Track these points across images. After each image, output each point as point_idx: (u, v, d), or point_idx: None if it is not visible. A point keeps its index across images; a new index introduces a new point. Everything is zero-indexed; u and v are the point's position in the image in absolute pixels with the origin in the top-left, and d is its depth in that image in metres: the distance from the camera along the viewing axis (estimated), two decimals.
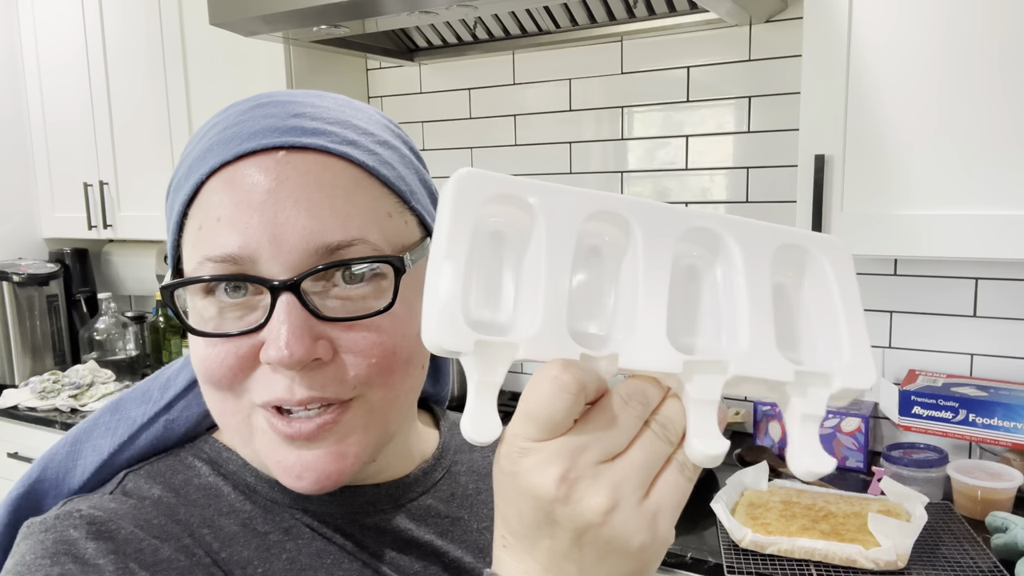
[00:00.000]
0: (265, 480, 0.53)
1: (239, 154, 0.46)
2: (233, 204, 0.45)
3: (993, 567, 1.13)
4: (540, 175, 1.95)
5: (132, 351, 2.33)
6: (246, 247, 0.44)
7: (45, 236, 2.57)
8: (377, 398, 0.48)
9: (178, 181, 0.49)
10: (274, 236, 0.44)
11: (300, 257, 0.45)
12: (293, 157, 0.46)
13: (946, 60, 1.23)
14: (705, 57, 1.71)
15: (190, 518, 0.50)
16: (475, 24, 1.81)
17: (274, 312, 0.44)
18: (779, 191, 1.67)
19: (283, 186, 0.45)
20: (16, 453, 2.13)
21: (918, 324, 1.57)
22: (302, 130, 0.47)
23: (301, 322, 0.44)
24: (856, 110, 1.30)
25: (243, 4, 1.52)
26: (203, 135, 0.50)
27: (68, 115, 2.41)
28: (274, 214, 0.45)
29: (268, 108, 0.49)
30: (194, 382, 0.55)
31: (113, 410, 0.56)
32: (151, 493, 0.51)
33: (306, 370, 0.45)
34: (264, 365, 0.46)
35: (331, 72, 2.04)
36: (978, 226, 1.23)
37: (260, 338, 0.45)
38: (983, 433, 1.35)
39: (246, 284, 0.45)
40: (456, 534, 0.58)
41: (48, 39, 2.41)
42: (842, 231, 1.33)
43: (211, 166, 0.47)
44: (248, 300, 0.46)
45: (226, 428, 0.50)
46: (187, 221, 0.48)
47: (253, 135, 0.47)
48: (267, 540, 0.50)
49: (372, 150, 0.49)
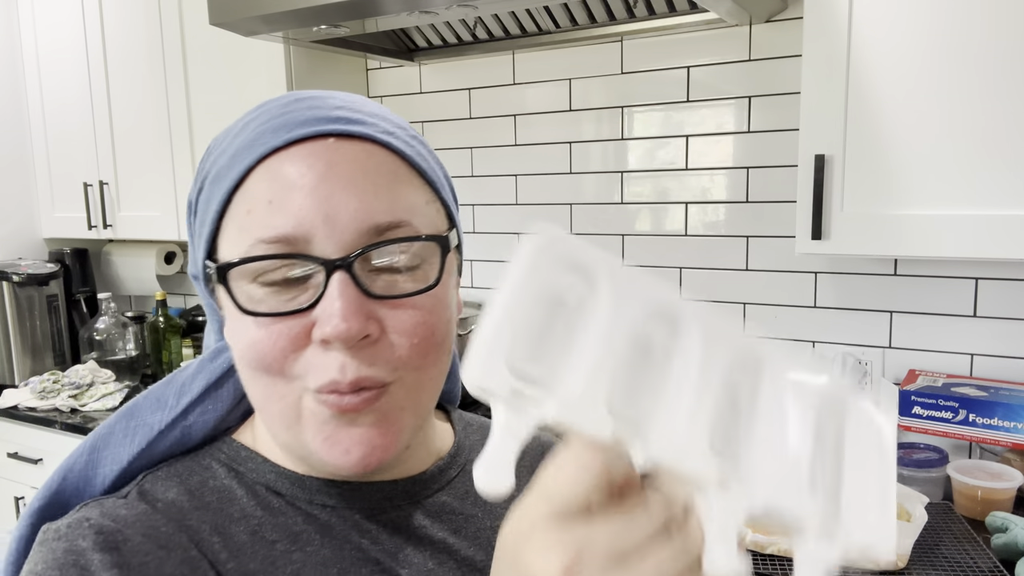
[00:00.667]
0: (286, 476, 0.54)
1: (289, 140, 0.48)
2: (285, 187, 0.47)
3: (993, 567, 1.13)
4: (540, 175, 1.95)
5: (132, 351, 2.33)
6: (300, 227, 0.46)
7: (45, 236, 2.57)
8: (413, 380, 0.50)
9: (217, 172, 0.50)
10: (327, 216, 0.46)
11: (352, 237, 0.47)
12: (341, 144, 0.49)
13: (946, 60, 1.23)
14: (705, 57, 1.71)
15: (201, 524, 0.51)
16: (475, 24, 1.81)
17: (328, 289, 0.46)
18: (779, 191, 1.67)
19: (334, 170, 0.47)
20: (16, 453, 2.13)
21: (918, 324, 1.57)
22: (347, 120, 0.50)
23: (355, 298, 0.46)
24: (856, 110, 1.30)
25: (243, 4, 1.52)
26: (240, 129, 0.51)
27: (68, 115, 2.41)
28: (327, 196, 0.47)
29: (310, 101, 0.51)
30: (210, 387, 0.56)
31: (128, 416, 0.56)
32: (166, 496, 0.52)
33: (356, 348, 0.47)
34: (314, 347, 0.47)
35: (331, 72, 2.04)
36: (978, 226, 1.23)
37: (311, 318, 0.47)
38: (983, 433, 1.35)
39: (295, 266, 0.47)
40: (469, 531, 0.58)
41: (48, 39, 2.41)
42: (842, 231, 1.33)
43: (260, 153, 0.48)
44: (297, 282, 0.47)
45: (269, 415, 0.50)
46: (229, 208, 0.49)
47: (302, 123, 0.49)
48: (274, 550, 0.51)
49: (407, 142, 0.52)
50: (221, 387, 0.57)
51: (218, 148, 0.52)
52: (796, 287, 1.68)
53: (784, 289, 1.70)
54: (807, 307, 1.68)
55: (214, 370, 0.57)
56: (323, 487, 0.55)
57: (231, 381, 0.57)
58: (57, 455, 2.05)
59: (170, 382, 0.58)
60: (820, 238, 1.34)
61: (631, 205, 1.85)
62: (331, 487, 0.55)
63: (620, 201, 1.86)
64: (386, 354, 0.48)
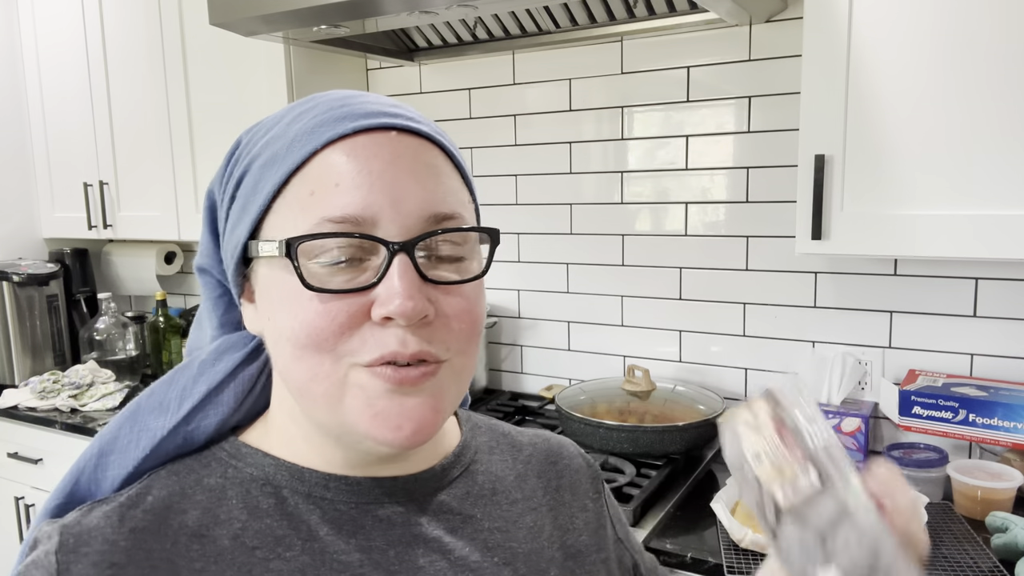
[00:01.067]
0: (286, 468, 0.56)
1: (357, 129, 0.51)
2: (354, 171, 0.50)
3: (993, 567, 1.13)
4: (540, 175, 1.95)
5: (132, 351, 2.33)
6: (368, 209, 0.49)
7: (45, 236, 2.57)
8: (459, 364, 0.53)
9: (272, 155, 0.52)
10: (394, 201, 0.49)
11: (415, 222, 0.50)
12: (404, 137, 0.52)
13: (946, 59, 1.23)
14: (705, 57, 1.71)
15: (182, 527, 0.52)
16: (475, 24, 1.81)
17: (390, 270, 0.49)
18: (779, 191, 1.67)
19: (399, 160, 0.51)
20: (16, 453, 2.13)
21: (918, 324, 1.57)
22: (406, 116, 0.53)
23: (415, 279, 0.49)
24: (856, 110, 1.30)
25: (243, 4, 1.52)
26: (294, 119, 0.53)
27: (68, 115, 2.41)
28: (393, 182, 0.50)
29: (364, 97, 0.54)
30: (211, 392, 0.57)
31: (132, 419, 0.57)
32: (159, 494, 0.54)
33: (415, 326, 0.49)
34: (369, 324, 0.49)
35: (331, 72, 2.04)
36: (978, 226, 1.23)
37: (370, 297, 0.49)
38: (983, 433, 1.35)
39: (356, 247, 0.49)
40: (466, 532, 0.58)
41: (48, 39, 2.41)
42: (842, 231, 1.33)
43: (327, 137, 0.51)
44: (355, 263, 0.50)
45: (313, 395, 0.51)
46: (285, 190, 0.51)
47: (366, 115, 0.52)
48: (252, 557, 0.52)
49: (452, 145, 0.56)
50: (222, 392, 0.58)
51: (264, 136, 0.54)
52: (796, 287, 1.68)
53: (784, 289, 1.70)
54: (807, 307, 1.68)
55: (215, 375, 0.58)
56: (322, 480, 0.55)
57: (232, 385, 0.58)
58: (57, 455, 2.05)
59: (172, 383, 0.59)
60: (820, 238, 1.34)
61: (631, 205, 1.85)
62: (330, 480, 0.55)
63: (620, 201, 1.86)
64: (441, 334, 0.51)
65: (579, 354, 1.98)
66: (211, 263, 0.59)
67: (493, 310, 2.08)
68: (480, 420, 0.70)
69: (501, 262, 2.06)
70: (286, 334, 0.51)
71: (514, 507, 0.63)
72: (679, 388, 1.74)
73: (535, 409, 1.91)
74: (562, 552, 0.63)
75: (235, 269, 0.55)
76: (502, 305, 2.08)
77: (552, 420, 1.81)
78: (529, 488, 0.65)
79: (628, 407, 1.66)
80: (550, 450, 0.70)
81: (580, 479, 0.70)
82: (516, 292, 2.05)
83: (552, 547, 0.62)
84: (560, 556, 0.62)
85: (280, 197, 0.52)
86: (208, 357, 0.59)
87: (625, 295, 1.89)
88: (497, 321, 2.08)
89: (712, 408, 1.61)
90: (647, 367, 1.82)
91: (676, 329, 1.84)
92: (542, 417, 1.86)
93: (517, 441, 0.69)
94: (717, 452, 1.63)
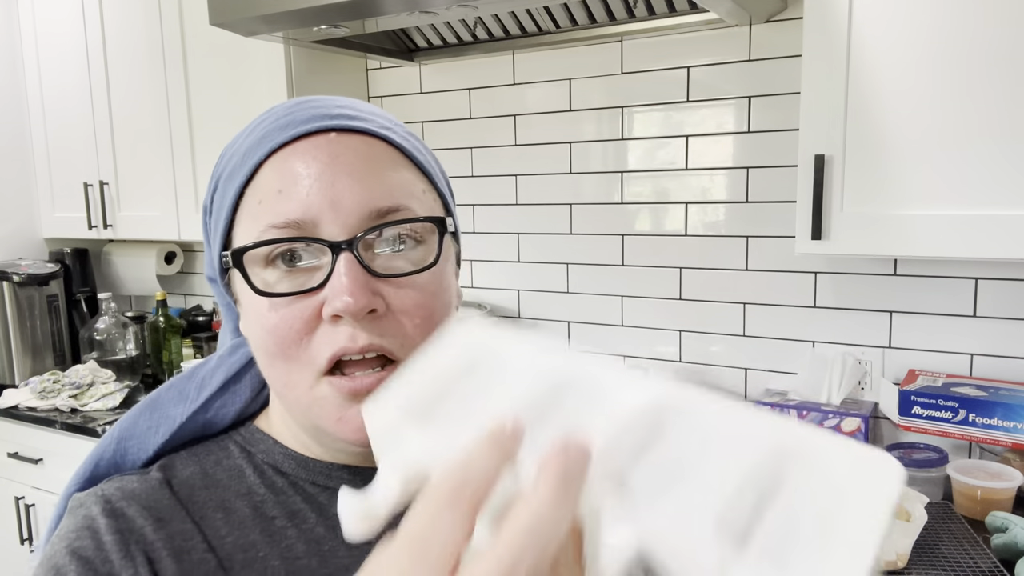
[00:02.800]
0: (292, 457, 0.58)
1: (296, 136, 0.52)
2: (293, 177, 0.51)
3: (993, 567, 1.13)
4: (540, 175, 1.95)
5: (132, 351, 2.33)
6: (308, 212, 0.50)
7: (45, 236, 2.57)
8: None
9: (231, 170, 0.55)
10: (332, 202, 0.50)
11: (356, 220, 0.51)
12: (343, 137, 0.53)
13: (946, 59, 1.23)
14: (705, 57, 1.71)
15: (208, 500, 0.55)
16: (475, 24, 1.81)
17: (335, 269, 0.50)
18: (779, 191, 1.67)
19: (337, 161, 0.52)
20: (16, 453, 2.13)
21: (918, 324, 1.57)
22: (348, 116, 0.54)
23: (360, 275, 0.50)
24: (856, 110, 1.30)
25: (243, 4, 1.52)
26: (250, 132, 0.56)
27: (68, 115, 2.41)
28: (331, 183, 0.51)
29: (313, 103, 0.55)
30: (229, 381, 0.60)
31: (151, 409, 0.60)
32: (183, 473, 0.57)
33: (364, 320, 0.50)
34: (325, 325, 0.51)
35: (331, 72, 2.04)
36: (978, 226, 1.23)
37: (320, 298, 0.50)
38: (983, 433, 1.35)
39: (303, 251, 0.51)
40: None
41: (48, 39, 2.41)
42: (842, 231, 1.33)
43: (269, 148, 0.53)
44: (306, 267, 0.51)
45: (288, 401, 0.54)
46: (242, 201, 0.54)
47: (306, 120, 0.53)
48: (272, 525, 0.55)
49: (404, 136, 0.56)
50: (240, 381, 0.61)
51: (230, 151, 0.57)
52: (796, 287, 1.68)
53: (784, 289, 1.70)
54: (807, 307, 1.68)
55: (232, 364, 0.61)
56: (325, 469, 0.58)
57: (249, 375, 0.61)
58: (57, 455, 2.05)
59: (191, 376, 0.62)
60: (820, 238, 1.34)
61: (631, 205, 1.85)
62: (332, 470, 0.58)
63: (620, 201, 1.86)
64: (393, 328, 0.51)
65: None
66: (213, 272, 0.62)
67: (493, 310, 2.08)
68: None
69: (501, 262, 2.06)
70: (257, 343, 0.54)
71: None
72: None
73: None
74: None
75: (221, 280, 0.58)
76: (502, 305, 2.08)
77: None
78: None
79: None
80: None
81: None
82: (516, 292, 2.05)
83: None
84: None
85: (239, 209, 0.54)
86: (224, 352, 0.62)
87: (625, 295, 1.89)
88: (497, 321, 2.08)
89: None
90: (647, 367, 1.82)
91: (676, 329, 1.84)
92: None
93: None
94: None
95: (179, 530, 0.53)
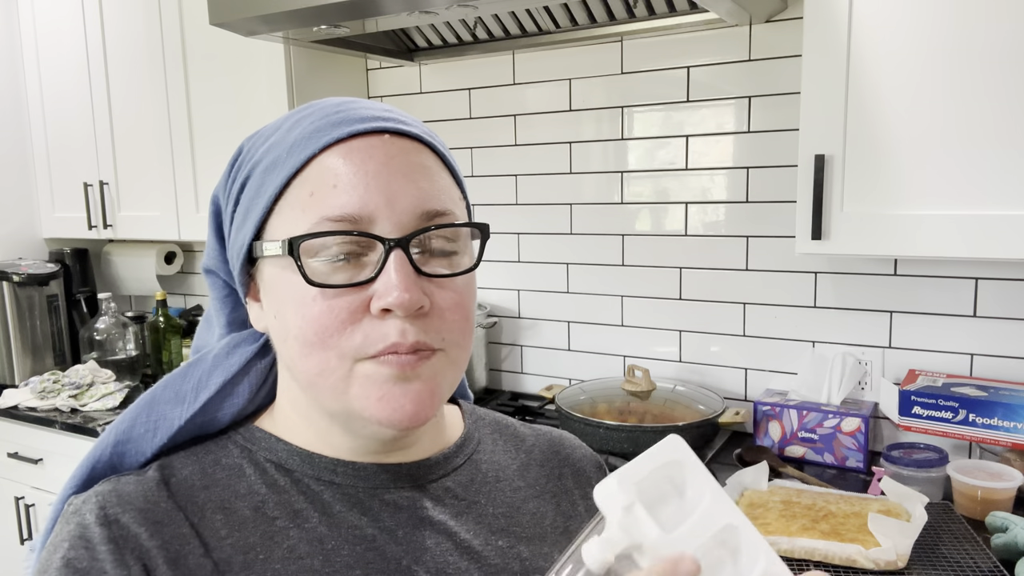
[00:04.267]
0: (296, 453, 0.58)
1: (352, 133, 0.54)
2: (351, 173, 0.52)
3: (993, 567, 1.13)
4: (540, 175, 1.95)
5: (132, 351, 2.33)
6: (365, 208, 0.52)
7: (45, 236, 2.57)
8: (454, 354, 0.56)
9: (273, 160, 0.55)
10: (389, 200, 0.52)
11: (409, 219, 0.53)
12: (397, 140, 0.55)
13: (946, 60, 1.23)
14: (705, 57, 1.71)
15: (207, 501, 0.55)
16: (475, 24, 1.81)
17: (387, 265, 0.51)
18: (779, 191, 1.67)
19: (393, 161, 0.53)
20: (16, 453, 2.13)
21: (918, 324, 1.57)
22: (398, 120, 0.56)
23: (411, 273, 0.52)
24: (856, 110, 1.30)
25: (243, 4, 1.52)
26: (292, 125, 0.56)
27: (68, 115, 2.41)
28: (388, 182, 0.52)
29: (358, 103, 0.57)
30: (227, 384, 0.60)
31: (148, 409, 0.60)
32: (181, 473, 0.57)
33: (412, 317, 0.52)
34: (370, 318, 0.52)
35: (331, 72, 2.04)
36: (978, 226, 1.23)
37: (368, 292, 0.52)
38: (983, 433, 1.35)
39: (355, 244, 0.52)
40: (471, 516, 0.61)
41: (48, 39, 2.41)
42: (842, 231, 1.33)
43: (324, 142, 0.53)
44: (355, 262, 0.52)
45: (320, 388, 0.54)
46: (286, 192, 0.54)
47: (360, 120, 0.54)
48: (273, 526, 0.55)
49: (442, 145, 0.59)
50: (238, 383, 0.61)
51: (264, 143, 0.57)
52: (796, 287, 1.68)
53: (784, 289, 1.70)
54: (807, 307, 1.68)
55: (230, 367, 0.61)
56: (331, 465, 0.58)
57: (246, 378, 0.61)
58: (57, 455, 2.05)
59: (187, 375, 0.61)
60: (820, 238, 1.34)
61: (631, 205, 1.85)
62: (338, 465, 0.58)
63: (620, 201, 1.86)
64: (435, 324, 0.53)
65: (579, 354, 1.98)
66: (217, 265, 0.62)
67: (493, 310, 2.08)
68: (484, 413, 0.72)
69: (501, 262, 2.06)
70: (293, 332, 0.54)
71: (517, 494, 0.65)
72: (679, 388, 1.74)
73: (535, 409, 1.91)
74: (565, 537, 0.64)
75: (241, 269, 0.58)
76: (502, 305, 2.08)
77: (552, 420, 1.81)
78: (532, 476, 0.68)
79: (628, 407, 1.66)
80: (552, 441, 0.72)
81: (584, 467, 0.72)
82: (516, 292, 2.05)
83: (555, 532, 0.64)
84: (564, 541, 0.64)
85: (282, 199, 0.54)
86: (221, 351, 0.61)
87: (625, 295, 1.89)
88: (497, 321, 2.08)
89: (712, 408, 1.61)
90: (647, 367, 1.82)
91: (676, 329, 1.84)
92: (542, 417, 1.86)
93: (520, 432, 0.72)
94: (717, 452, 1.63)
95: (176, 534, 0.52)
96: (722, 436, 1.71)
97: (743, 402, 1.78)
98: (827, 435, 1.54)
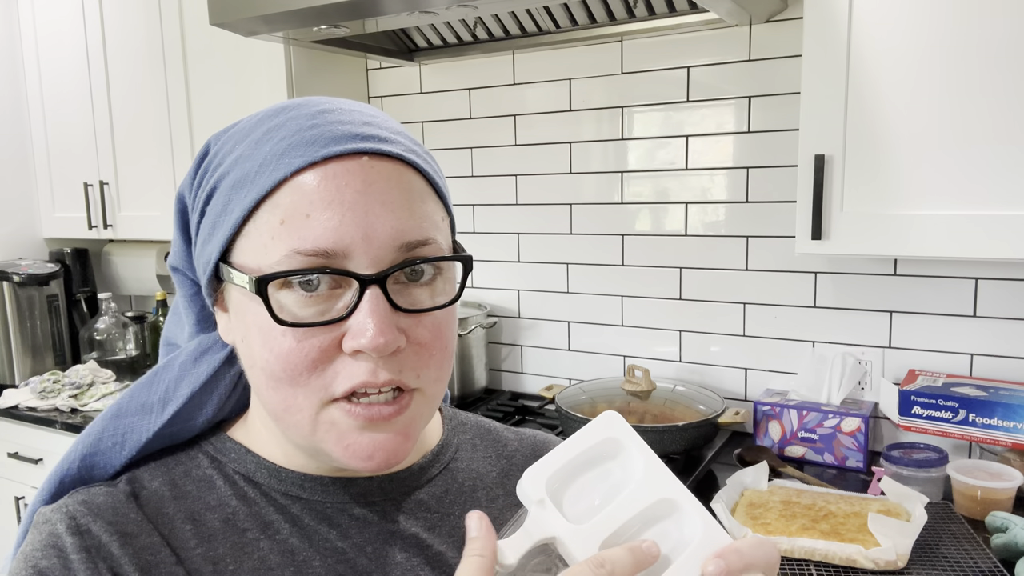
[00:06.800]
0: (265, 467, 0.57)
1: (327, 156, 0.49)
2: (324, 202, 0.48)
3: (993, 567, 1.13)
4: (540, 175, 1.95)
5: (132, 351, 2.33)
6: (340, 242, 0.48)
7: (45, 236, 2.57)
8: (431, 391, 0.53)
9: (241, 177, 0.51)
10: (365, 234, 0.48)
11: (386, 254, 0.49)
12: (376, 162, 0.50)
13: (946, 60, 1.23)
14: (705, 57, 1.71)
15: (176, 512, 0.54)
16: (475, 24, 1.81)
17: (361, 303, 0.48)
18: (779, 191, 1.67)
19: (371, 188, 0.49)
20: (16, 453, 2.13)
21: (918, 324, 1.57)
22: (378, 138, 0.51)
23: (386, 313, 0.48)
24: (856, 110, 1.30)
25: (243, 4, 1.52)
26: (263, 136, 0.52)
27: (68, 115, 2.41)
28: (364, 213, 0.48)
29: (337, 115, 0.52)
30: (195, 394, 0.57)
31: (114, 422, 0.58)
32: (151, 485, 0.56)
33: (386, 357, 0.49)
34: (342, 356, 0.49)
35: (331, 72, 2.04)
36: (978, 226, 1.23)
37: (341, 329, 0.49)
38: (983, 433, 1.35)
39: (323, 278, 0.49)
40: (444, 529, 0.59)
41: (48, 39, 2.42)
42: (842, 231, 1.33)
43: (296, 165, 0.49)
44: (327, 294, 0.49)
45: (287, 424, 0.52)
46: (255, 214, 0.50)
47: (335, 139, 0.50)
48: (244, 538, 0.54)
49: (425, 159, 0.54)
50: (207, 394, 0.58)
51: (232, 151, 0.53)
52: (796, 287, 1.68)
53: (784, 289, 1.70)
54: (807, 307, 1.68)
55: (198, 377, 0.58)
56: (298, 480, 0.57)
57: (215, 388, 0.58)
58: (57, 455, 2.05)
59: (152, 385, 0.59)
60: (820, 238, 1.34)
61: (631, 205, 1.85)
62: (306, 481, 0.57)
63: (620, 201, 1.86)
64: (411, 362, 0.51)
65: (579, 354, 1.98)
66: (184, 264, 0.58)
67: (493, 310, 2.08)
68: (465, 417, 0.70)
69: (501, 262, 2.06)
70: (259, 364, 0.51)
71: (494, 503, 0.64)
72: (679, 388, 1.74)
73: (535, 409, 1.91)
74: None
75: (207, 282, 0.55)
76: (502, 305, 2.08)
77: (552, 420, 1.81)
78: (512, 483, 0.66)
79: (628, 407, 1.66)
80: (536, 445, 0.71)
81: None
82: (516, 292, 2.05)
83: None
84: None
85: (250, 221, 0.50)
86: (187, 358, 0.59)
87: (625, 295, 1.89)
88: (497, 321, 2.08)
89: (712, 408, 1.61)
90: (647, 367, 1.82)
91: (676, 329, 1.84)
92: (542, 417, 1.86)
93: (503, 437, 0.70)
94: (717, 452, 1.63)
95: (146, 544, 0.51)
96: (722, 436, 1.71)
97: (743, 402, 1.78)
98: (827, 435, 1.54)
